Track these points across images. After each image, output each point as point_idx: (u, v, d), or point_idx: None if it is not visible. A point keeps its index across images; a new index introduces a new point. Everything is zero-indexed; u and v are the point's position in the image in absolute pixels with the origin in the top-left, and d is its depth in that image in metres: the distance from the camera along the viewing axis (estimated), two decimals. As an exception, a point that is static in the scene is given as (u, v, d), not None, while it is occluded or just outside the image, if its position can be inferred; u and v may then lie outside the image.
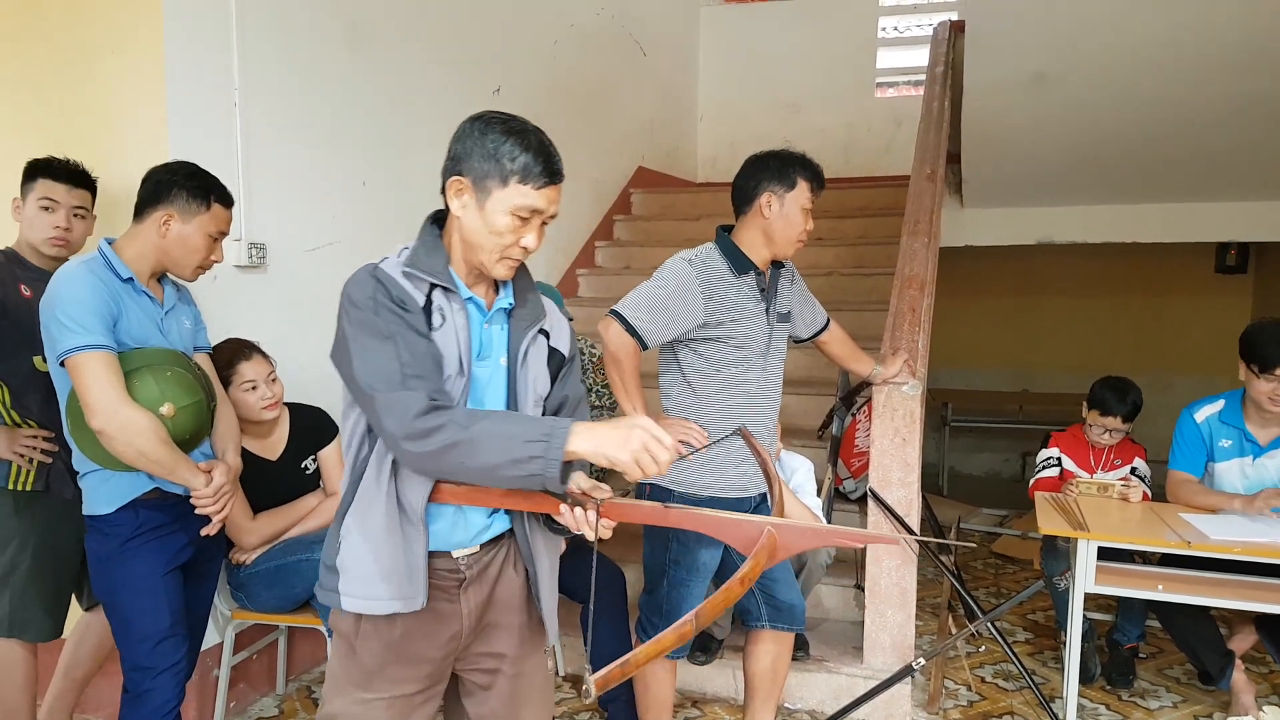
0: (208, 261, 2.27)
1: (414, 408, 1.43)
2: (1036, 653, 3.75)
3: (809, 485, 3.11)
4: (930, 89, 4.79)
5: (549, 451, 1.40)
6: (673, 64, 7.25)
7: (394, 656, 1.62)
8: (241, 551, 2.77)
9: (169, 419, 2.10)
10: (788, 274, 2.63)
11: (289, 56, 3.27)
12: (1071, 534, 2.93)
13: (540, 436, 1.40)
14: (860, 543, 1.53)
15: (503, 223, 1.52)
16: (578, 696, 3.29)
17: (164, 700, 2.19)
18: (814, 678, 3.23)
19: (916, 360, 3.15)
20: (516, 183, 1.51)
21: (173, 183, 2.18)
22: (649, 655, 1.30)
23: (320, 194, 3.38)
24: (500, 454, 1.40)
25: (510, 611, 1.72)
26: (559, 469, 1.40)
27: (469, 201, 1.54)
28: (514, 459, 1.40)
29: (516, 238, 1.54)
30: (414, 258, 1.57)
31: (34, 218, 2.47)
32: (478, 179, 1.52)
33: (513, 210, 1.51)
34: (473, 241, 1.56)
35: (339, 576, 1.59)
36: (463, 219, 1.56)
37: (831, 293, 4.82)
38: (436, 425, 1.42)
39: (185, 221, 2.18)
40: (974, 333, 7.77)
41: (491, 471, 1.42)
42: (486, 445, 1.41)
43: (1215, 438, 3.15)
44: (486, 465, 1.42)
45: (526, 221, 1.54)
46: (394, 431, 1.44)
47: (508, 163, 1.50)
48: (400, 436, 1.44)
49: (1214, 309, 7.13)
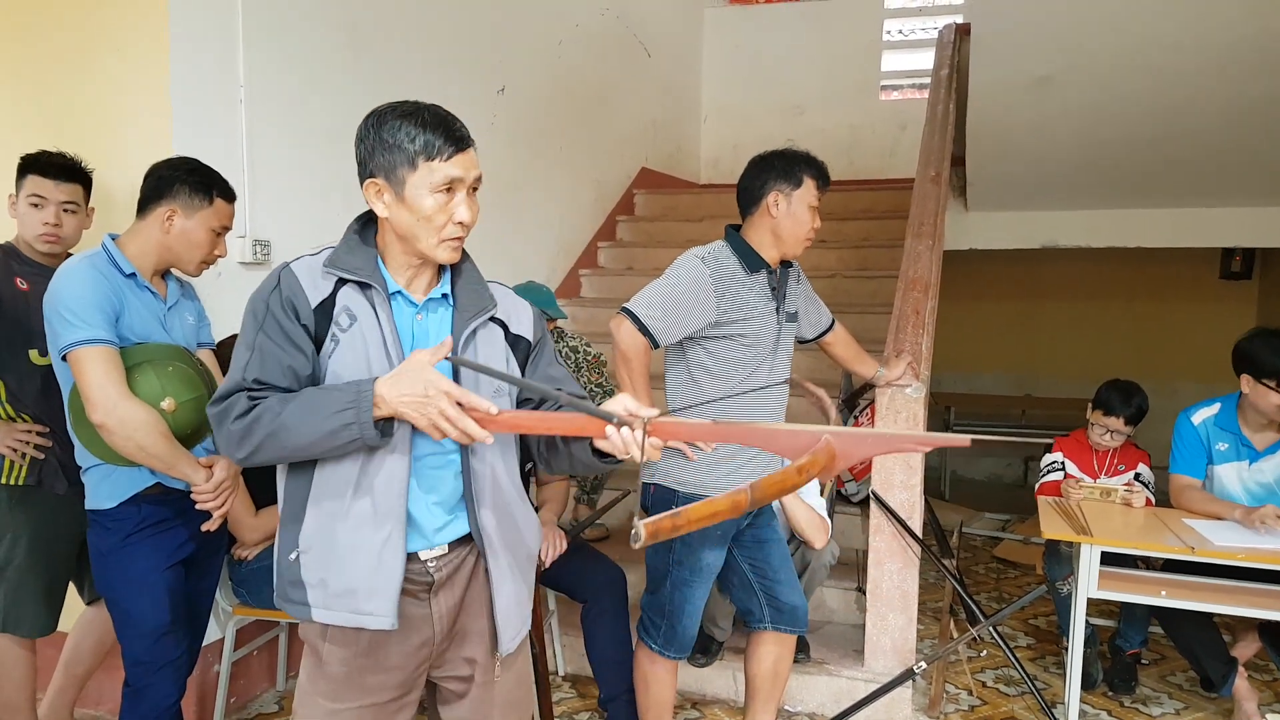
0: (211, 256, 2.27)
1: (233, 412, 1.45)
2: (1038, 658, 3.74)
3: (813, 486, 3.11)
4: (935, 92, 4.79)
5: (360, 415, 1.41)
6: (676, 65, 7.25)
7: (363, 665, 1.58)
8: (244, 547, 2.76)
9: (170, 414, 2.10)
10: (795, 274, 2.63)
11: (293, 55, 3.27)
12: (1074, 538, 2.92)
13: (347, 404, 1.41)
14: (926, 446, 1.47)
15: (428, 204, 1.50)
16: (578, 696, 3.28)
17: (164, 695, 2.20)
18: (814, 680, 3.22)
19: (920, 363, 3.15)
20: (424, 161, 1.49)
21: (175, 178, 2.18)
22: (701, 515, 1.22)
23: (323, 192, 3.39)
24: (314, 429, 1.42)
25: (480, 617, 1.67)
26: (374, 429, 1.41)
27: (389, 199, 1.52)
28: (329, 431, 1.41)
29: (448, 215, 1.52)
30: (334, 257, 1.56)
31: (25, 215, 2.47)
32: (388, 174, 1.51)
33: (431, 188, 1.49)
34: (409, 234, 1.53)
35: (305, 589, 1.55)
36: (391, 217, 1.53)
37: (835, 295, 4.81)
38: (251, 421, 1.44)
39: (188, 216, 2.18)
40: (977, 337, 7.75)
41: (312, 448, 1.44)
42: (299, 426, 1.42)
43: (1213, 440, 3.14)
44: (305, 444, 1.43)
45: (451, 193, 1.51)
46: (219, 441, 1.49)
47: (409, 146, 1.48)
48: (223, 447, 1.48)
49: (1218, 315, 7.11)
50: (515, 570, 1.69)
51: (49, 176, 2.45)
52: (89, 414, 2.01)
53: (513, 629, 1.68)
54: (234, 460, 1.49)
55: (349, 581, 1.52)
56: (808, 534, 2.99)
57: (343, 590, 1.53)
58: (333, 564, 1.52)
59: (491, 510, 1.63)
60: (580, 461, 1.60)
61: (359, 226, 1.61)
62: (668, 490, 2.49)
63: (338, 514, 1.52)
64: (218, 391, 1.49)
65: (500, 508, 1.65)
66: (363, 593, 1.52)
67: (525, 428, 1.53)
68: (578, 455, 1.59)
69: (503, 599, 1.65)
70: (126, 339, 2.10)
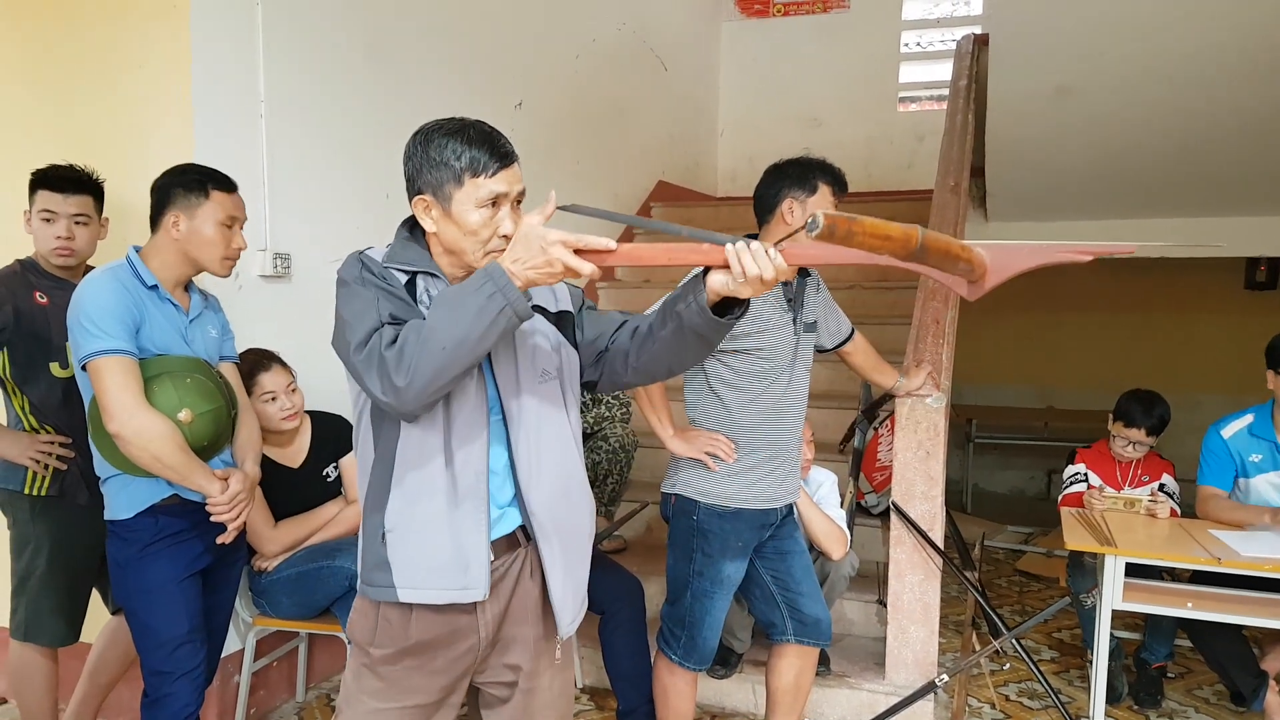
0: (232, 251, 2.26)
1: (382, 341, 1.43)
2: (1062, 671, 3.70)
3: (833, 497, 3.09)
4: (954, 102, 4.78)
5: (499, 284, 1.38)
6: (693, 79, 7.26)
7: (409, 666, 1.62)
8: (263, 559, 2.78)
9: (186, 425, 2.11)
10: (813, 283, 2.62)
11: (313, 69, 3.30)
12: (1099, 550, 2.89)
13: (483, 282, 1.39)
14: (1086, 256, 1.40)
15: (474, 219, 1.53)
16: (596, 709, 3.27)
17: (182, 705, 2.20)
18: (835, 693, 3.19)
19: (940, 373, 3.13)
20: (470, 178, 1.51)
21: (170, 185, 2.20)
22: (875, 230, 1.17)
23: (344, 205, 3.40)
24: (462, 317, 1.39)
25: (524, 624, 1.69)
26: (519, 294, 1.39)
27: (437, 215, 1.55)
28: (477, 310, 1.38)
29: (493, 229, 1.54)
30: (391, 254, 1.60)
31: (38, 230, 2.49)
32: (435, 190, 1.54)
33: (477, 204, 1.52)
34: (456, 248, 1.57)
35: (391, 570, 1.57)
36: (440, 232, 1.57)
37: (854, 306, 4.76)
38: (401, 342, 1.42)
39: (191, 216, 2.19)
40: (998, 349, 7.70)
41: (468, 337, 1.39)
42: (447, 323, 1.39)
43: (1246, 453, 3.10)
44: (458, 336, 1.39)
45: (496, 207, 1.54)
46: (373, 384, 1.44)
47: (455, 163, 1.51)
48: (380, 383, 1.43)
49: (1243, 327, 7.01)
50: (569, 554, 1.69)
51: (58, 190, 2.47)
52: (106, 424, 2.03)
53: (570, 613, 1.71)
54: (397, 390, 1.41)
55: (438, 557, 1.56)
56: (825, 545, 2.97)
57: (433, 567, 1.56)
58: (421, 540, 1.56)
59: (546, 487, 1.64)
60: (690, 323, 1.48)
61: (408, 231, 1.65)
62: (689, 501, 2.48)
63: (422, 492, 1.56)
64: (357, 339, 1.46)
65: (553, 483, 1.65)
66: (453, 567, 1.56)
67: (646, 259, 1.46)
68: (688, 316, 1.47)
69: (556, 584, 1.67)
70: (147, 350, 2.11)
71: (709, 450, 2.44)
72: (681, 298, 1.48)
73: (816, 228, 1.12)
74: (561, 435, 1.67)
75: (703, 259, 1.40)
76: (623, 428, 3.86)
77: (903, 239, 1.18)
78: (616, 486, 3.82)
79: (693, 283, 1.46)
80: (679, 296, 1.49)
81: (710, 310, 1.44)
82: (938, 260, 1.24)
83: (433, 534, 1.56)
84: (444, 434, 1.56)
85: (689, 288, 1.46)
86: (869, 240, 1.16)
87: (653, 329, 1.58)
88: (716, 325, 1.46)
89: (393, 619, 1.61)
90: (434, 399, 1.46)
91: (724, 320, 1.45)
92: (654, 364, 1.62)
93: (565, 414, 1.69)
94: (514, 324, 1.41)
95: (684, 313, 1.47)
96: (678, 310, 1.48)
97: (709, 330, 1.47)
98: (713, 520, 2.46)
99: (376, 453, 1.60)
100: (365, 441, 1.63)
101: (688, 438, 2.49)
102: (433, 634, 1.61)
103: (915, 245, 1.20)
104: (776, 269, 1.35)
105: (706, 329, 1.47)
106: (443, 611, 1.60)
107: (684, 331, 1.50)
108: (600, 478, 3.74)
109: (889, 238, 1.17)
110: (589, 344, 1.71)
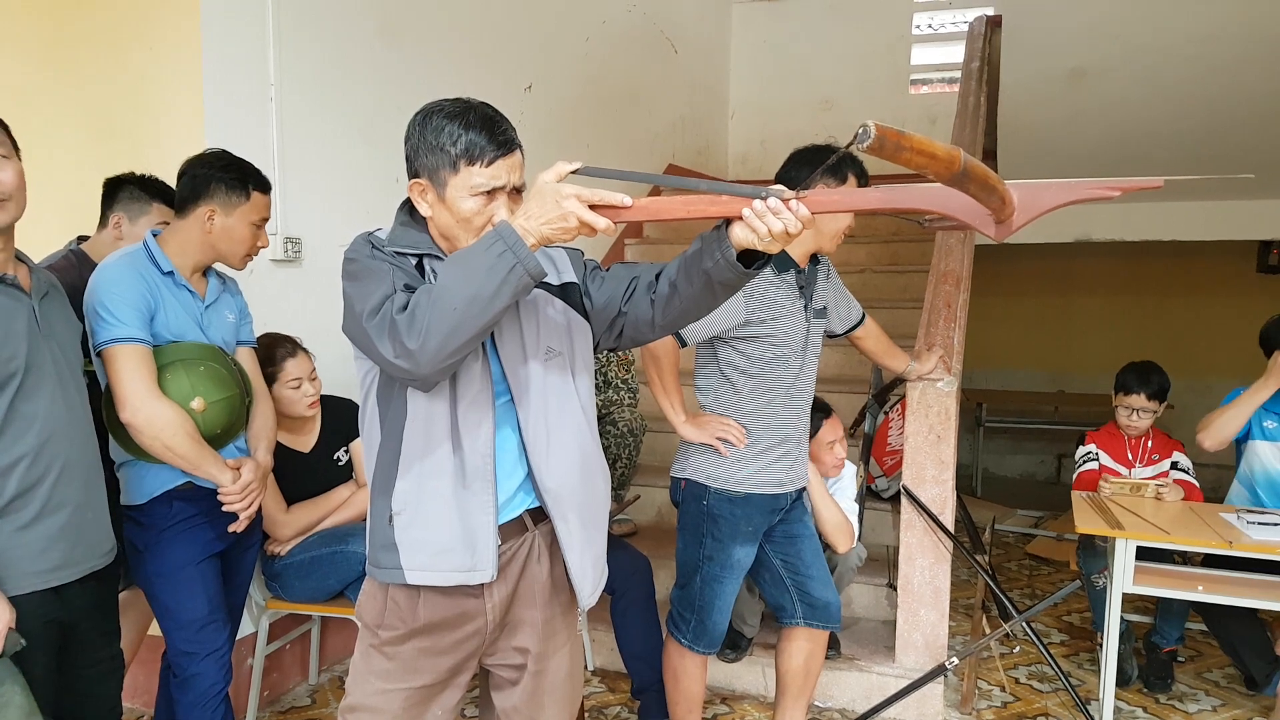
0: (255, 249, 2.28)
1: (394, 306, 1.41)
2: (1072, 654, 3.70)
3: (850, 489, 3.07)
4: (966, 84, 4.74)
5: (509, 243, 1.36)
6: (704, 61, 7.23)
7: (418, 647, 1.63)
8: (276, 543, 2.79)
9: (199, 414, 2.12)
10: (824, 269, 2.61)
11: (324, 51, 3.30)
12: (1109, 533, 2.88)
13: (493, 241, 1.37)
14: (1114, 192, 1.38)
15: (468, 207, 1.50)
16: (608, 690, 3.28)
17: (211, 683, 2.23)
18: (845, 676, 3.20)
19: (952, 356, 3.12)
20: (466, 165, 1.48)
21: (210, 176, 2.18)
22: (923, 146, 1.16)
23: (355, 188, 3.40)
24: (472, 276, 1.36)
25: (533, 607, 1.70)
26: (530, 252, 1.36)
27: (432, 199, 1.53)
28: (487, 268, 1.35)
29: (487, 216, 1.51)
30: (392, 237, 1.58)
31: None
32: (431, 174, 1.51)
33: (471, 191, 1.49)
34: (450, 234, 1.55)
35: (398, 552, 1.57)
36: (435, 216, 1.55)
37: (865, 290, 4.78)
38: (413, 305, 1.40)
39: (228, 214, 2.19)
40: (1009, 333, 7.68)
41: (479, 295, 1.36)
42: (457, 283, 1.37)
43: (1260, 416, 3.12)
44: (469, 295, 1.36)
45: (492, 196, 1.51)
46: (385, 349, 1.41)
47: (452, 148, 1.48)
48: (392, 348, 1.40)
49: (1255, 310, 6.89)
50: (588, 527, 1.69)
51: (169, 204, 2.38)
52: (118, 412, 2.04)
53: (590, 585, 1.71)
54: (410, 353, 1.39)
55: (445, 539, 1.55)
56: (833, 537, 2.94)
57: (440, 549, 1.56)
58: (429, 522, 1.56)
59: (561, 465, 1.63)
60: (720, 278, 1.44)
61: (407, 214, 1.62)
62: (699, 485, 2.49)
63: (429, 474, 1.55)
64: (370, 306, 1.44)
65: (568, 460, 1.64)
66: (461, 548, 1.56)
67: (664, 213, 1.45)
68: (717, 273, 1.44)
69: (574, 559, 1.67)
70: (161, 337, 2.12)
71: (720, 435, 2.44)
72: (707, 253, 1.43)
73: (868, 138, 1.10)
74: (572, 411, 1.66)
75: (722, 210, 1.38)
76: (631, 412, 3.86)
77: (947, 159, 1.17)
78: (625, 471, 3.82)
79: (715, 237, 1.42)
80: (702, 251, 1.45)
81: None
82: (978, 188, 1.23)
83: (440, 516, 1.56)
84: (450, 415, 1.55)
85: (712, 243, 1.42)
86: (916, 157, 1.15)
87: (676, 287, 1.54)
88: (746, 276, 1.44)
89: (400, 601, 1.61)
90: (449, 363, 1.42)
91: (753, 270, 1.43)
92: (681, 319, 1.61)
93: (574, 389, 1.67)
94: (526, 282, 1.38)
95: (713, 270, 1.43)
96: (705, 269, 1.44)
97: (740, 281, 1.46)
98: (723, 505, 2.46)
99: (383, 435, 1.59)
100: (371, 424, 1.62)
101: (699, 423, 2.49)
102: (440, 616, 1.61)
103: (959, 168, 1.18)
104: (801, 219, 1.33)
105: (738, 280, 1.45)
106: (450, 594, 1.60)
107: (713, 286, 1.47)
108: (609, 462, 3.74)
109: (935, 156, 1.16)
110: (600, 311, 1.68)
